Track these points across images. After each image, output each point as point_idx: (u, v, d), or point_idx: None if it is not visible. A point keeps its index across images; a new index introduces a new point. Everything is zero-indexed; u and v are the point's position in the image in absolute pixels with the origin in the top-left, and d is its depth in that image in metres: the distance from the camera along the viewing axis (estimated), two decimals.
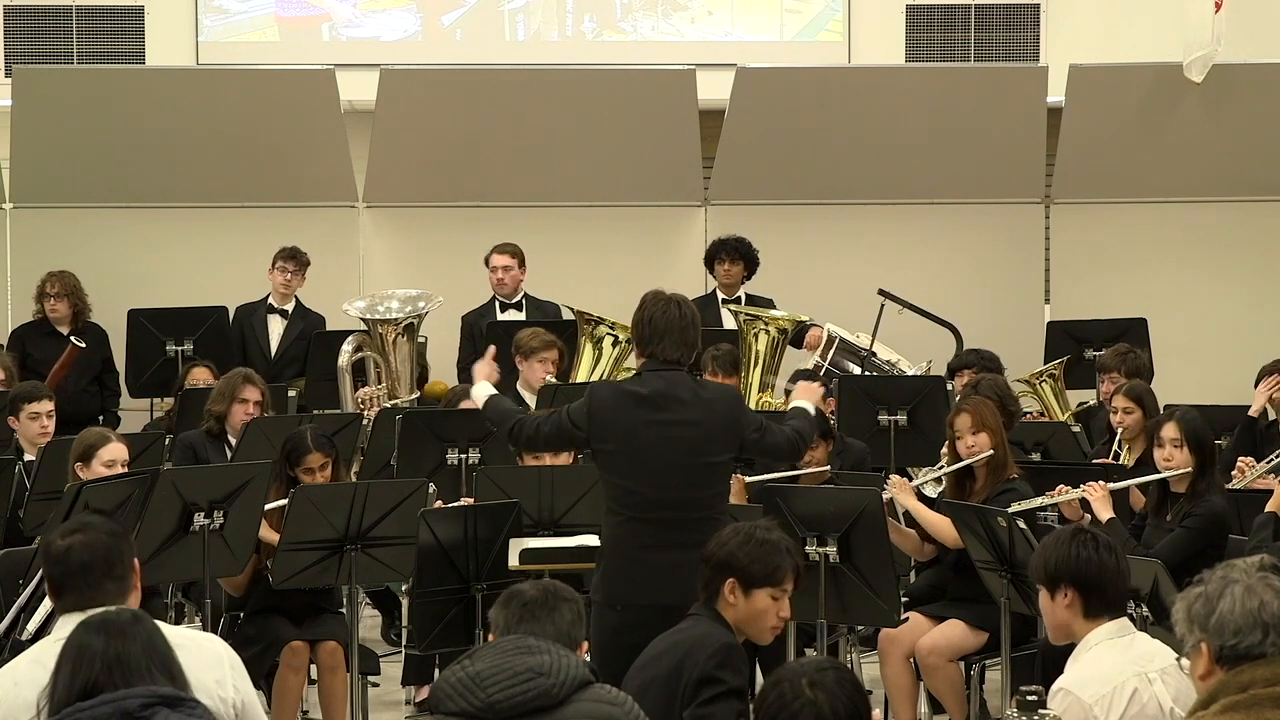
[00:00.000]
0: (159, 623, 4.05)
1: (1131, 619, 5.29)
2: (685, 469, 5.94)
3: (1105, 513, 6.84)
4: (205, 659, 4.39)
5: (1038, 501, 6.75)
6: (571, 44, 13.91)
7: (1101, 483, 6.91)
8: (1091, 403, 9.73)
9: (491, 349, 6.86)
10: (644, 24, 14.03)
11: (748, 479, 7.60)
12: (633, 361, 9.29)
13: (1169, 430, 6.96)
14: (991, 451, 7.14)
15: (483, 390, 6.41)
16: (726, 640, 4.83)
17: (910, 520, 7.35)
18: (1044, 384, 9.95)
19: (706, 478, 6.00)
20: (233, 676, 4.43)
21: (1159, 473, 7.04)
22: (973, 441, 7.16)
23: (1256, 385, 9.09)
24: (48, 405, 8.52)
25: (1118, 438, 8.28)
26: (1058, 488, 6.92)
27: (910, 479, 7.60)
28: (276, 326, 10.85)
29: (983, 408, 7.24)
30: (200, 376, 9.62)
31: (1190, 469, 6.90)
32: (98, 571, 4.39)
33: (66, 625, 4.12)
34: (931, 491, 7.47)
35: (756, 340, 9.95)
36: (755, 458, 6.79)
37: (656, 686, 4.78)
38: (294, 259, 10.78)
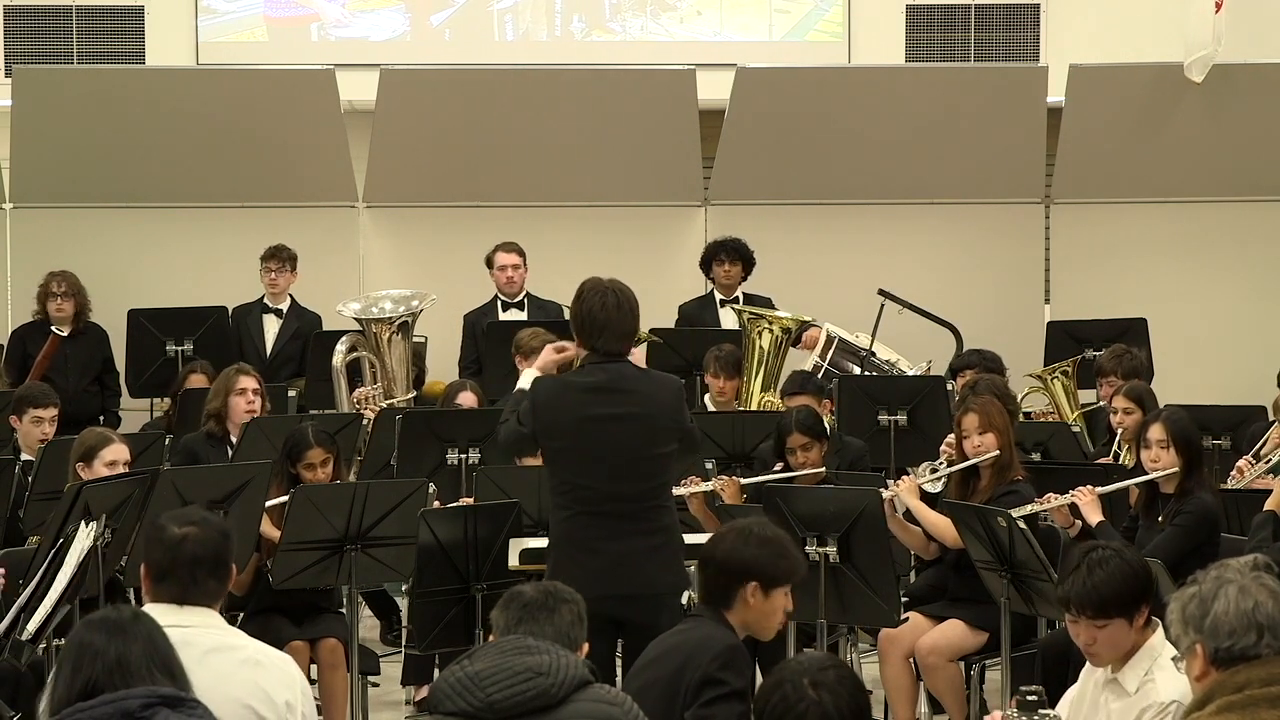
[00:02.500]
0: (241, 632, 4.06)
1: None
2: (635, 461, 5.94)
3: (1095, 517, 6.82)
4: (281, 679, 4.44)
5: (1026, 509, 6.72)
6: (560, 44, 13.89)
7: (1090, 487, 6.89)
8: (1098, 405, 9.69)
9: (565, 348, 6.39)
10: (633, 24, 14.01)
11: (743, 480, 7.60)
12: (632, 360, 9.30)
13: (1155, 431, 6.94)
14: (998, 452, 7.13)
15: (526, 378, 6.19)
16: (731, 642, 4.83)
17: (914, 518, 7.34)
18: (1055, 380, 9.94)
19: (655, 468, 6.01)
20: (302, 702, 4.47)
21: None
22: (979, 441, 7.15)
23: None
24: (52, 412, 8.52)
25: (1117, 438, 8.27)
26: (1046, 495, 6.90)
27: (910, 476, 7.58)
28: (272, 326, 10.87)
29: (991, 407, 7.23)
30: (199, 382, 9.58)
31: (1177, 469, 6.89)
32: (205, 569, 4.43)
33: (156, 614, 4.11)
34: (931, 489, 7.45)
35: (760, 338, 9.96)
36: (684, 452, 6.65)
37: (659, 688, 4.78)
38: (275, 257, 10.80)
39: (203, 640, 3.91)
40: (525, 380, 6.19)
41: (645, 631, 5.26)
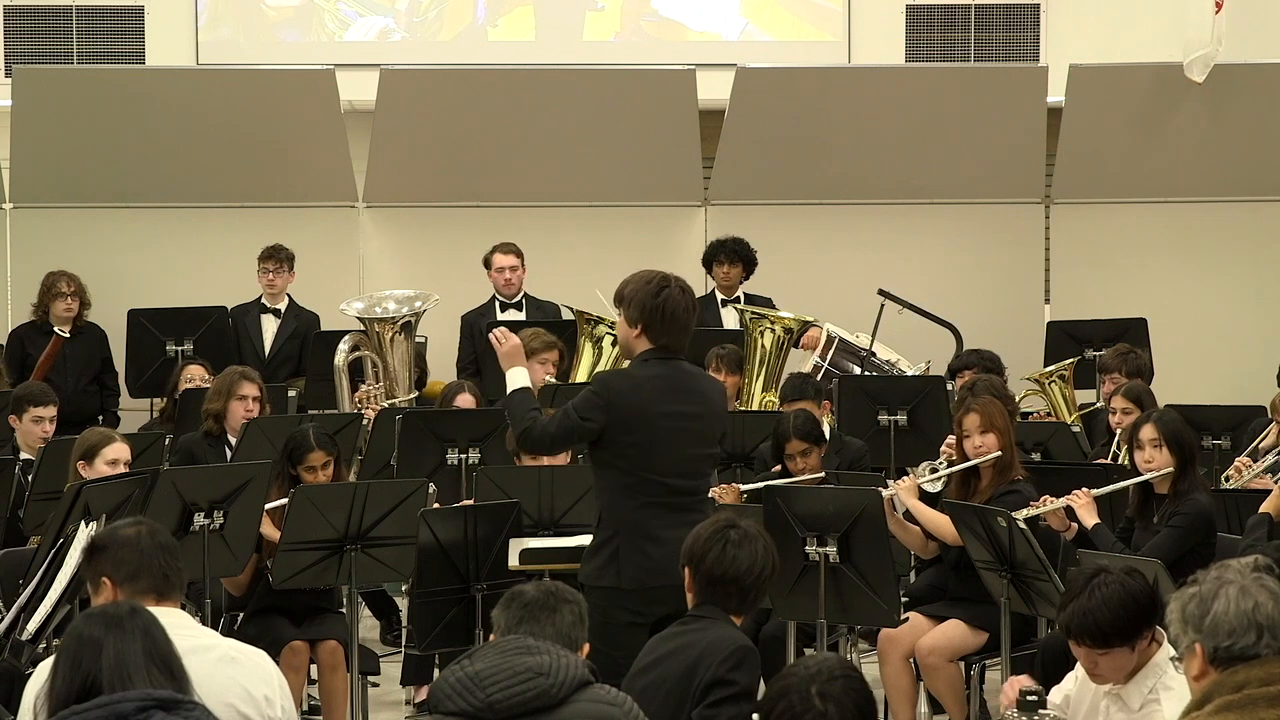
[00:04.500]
0: (213, 631, 4.05)
1: None
2: (696, 458, 6.03)
3: (1091, 519, 6.81)
4: (258, 674, 4.47)
5: (1022, 513, 6.71)
6: (560, 44, 13.81)
7: (1085, 490, 6.89)
8: (1099, 405, 9.70)
9: (510, 335, 6.39)
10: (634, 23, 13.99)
11: (744, 486, 7.59)
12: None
13: (1147, 432, 6.92)
14: (999, 453, 7.13)
15: (517, 378, 6.17)
16: (742, 643, 4.83)
17: (913, 517, 7.34)
18: (1053, 384, 9.93)
19: (709, 465, 6.17)
20: (280, 696, 4.50)
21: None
22: (980, 442, 7.14)
23: None
24: (52, 410, 8.52)
25: (1116, 438, 8.27)
26: (1043, 498, 6.90)
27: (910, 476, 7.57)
28: (270, 326, 10.88)
29: (992, 408, 7.22)
30: (196, 374, 9.58)
31: (1172, 469, 6.88)
32: (171, 554, 4.47)
33: None
34: (930, 489, 7.44)
35: (762, 338, 9.97)
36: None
37: (666, 687, 4.78)
38: (273, 258, 10.80)
39: (179, 643, 3.91)
40: (518, 380, 6.15)
41: None
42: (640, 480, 5.94)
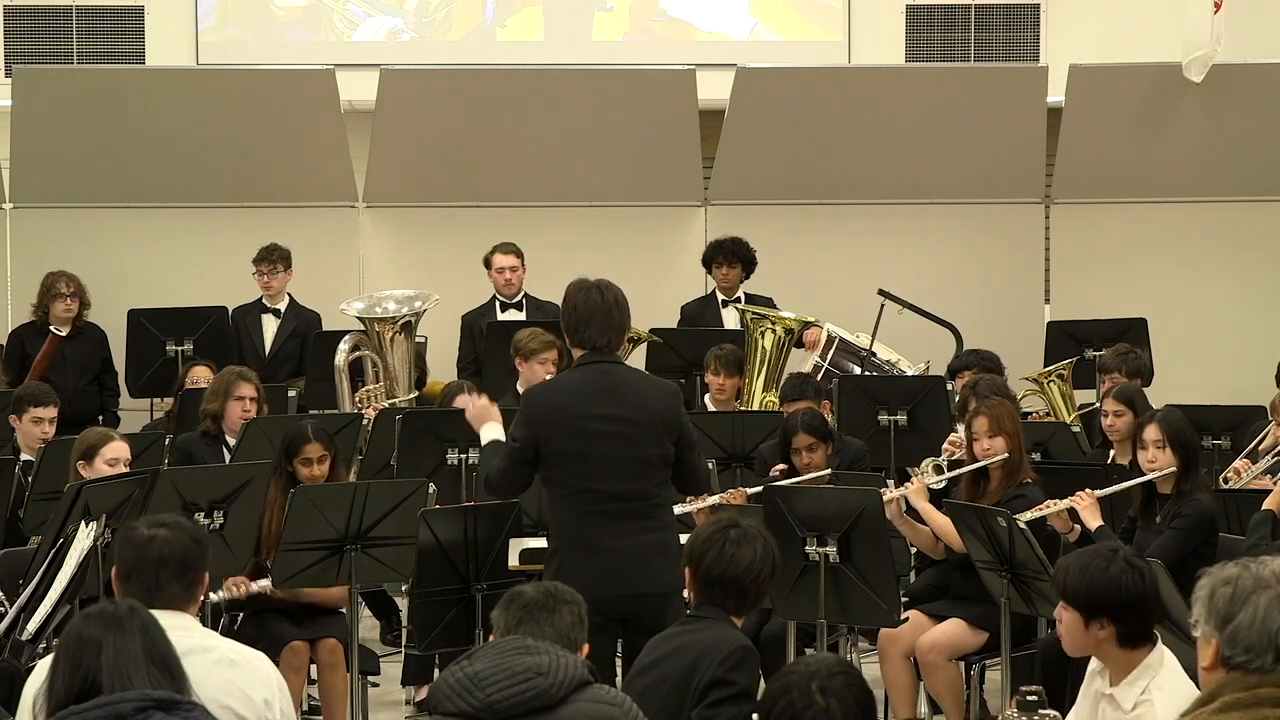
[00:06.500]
0: (214, 633, 4.06)
1: None
2: (634, 462, 5.95)
3: (1094, 521, 6.81)
4: (257, 677, 4.47)
5: (1026, 515, 6.70)
6: (560, 44, 13.79)
7: (1089, 491, 6.88)
8: (1098, 405, 9.69)
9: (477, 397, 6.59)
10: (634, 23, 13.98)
11: (750, 489, 7.59)
12: (633, 362, 9.29)
13: (1150, 432, 6.92)
14: (1006, 455, 7.12)
15: (490, 433, 6.23)
16: (742, 643, 4.84)
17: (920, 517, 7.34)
18: (1052, 384, 9.93)
19: (650, 469, 6.01)
20: (280, 699, 4.49)
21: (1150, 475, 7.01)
22: (989, 445, 7.14)
23: None
24: (52, 411, 8.52)
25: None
26: (1045, 501, 6.90)
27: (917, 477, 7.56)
28: (270, 326, 10.88)
29: (1001, 410, 7.22)
30: (201, 375, 9.60)
31: (1174, 469, 6.88)
32: (170, 570, 4.43)
33: None
34: (936, 487, 7.42)
35: (763, 338, 9.97)
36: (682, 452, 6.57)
37: (667, 687, 4.79)
38: (266, 259, 10.79)
39: (177, 644, 3.92)
40: (490, 435, 6.19)
41: (651, 629, 5.26)
42: (577, 490, 5.92)
